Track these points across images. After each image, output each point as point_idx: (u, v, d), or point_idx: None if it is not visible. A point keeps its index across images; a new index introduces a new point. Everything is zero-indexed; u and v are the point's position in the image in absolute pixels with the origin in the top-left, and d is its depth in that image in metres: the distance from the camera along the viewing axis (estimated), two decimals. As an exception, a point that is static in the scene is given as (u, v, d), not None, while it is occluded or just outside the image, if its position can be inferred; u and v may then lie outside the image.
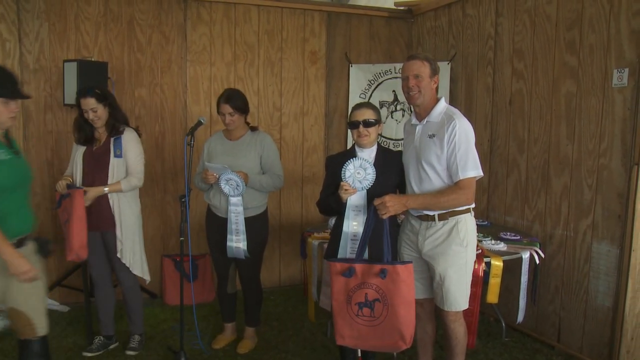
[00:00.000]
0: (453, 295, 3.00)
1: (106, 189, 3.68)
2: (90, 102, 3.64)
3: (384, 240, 2.87)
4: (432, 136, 2.95)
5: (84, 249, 3.60)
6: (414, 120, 3.11)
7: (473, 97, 4.88)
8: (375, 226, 2.90)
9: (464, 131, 2.88)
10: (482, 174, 2.93)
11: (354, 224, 3.03)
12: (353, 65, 5.56)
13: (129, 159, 3.77)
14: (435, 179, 2.95)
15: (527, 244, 3.94)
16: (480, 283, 3.54)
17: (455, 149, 2.86)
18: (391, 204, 2.82)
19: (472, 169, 2.87)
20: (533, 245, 3.90)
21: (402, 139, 5.47)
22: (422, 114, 3.05)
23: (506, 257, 3.69)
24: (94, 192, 3.65)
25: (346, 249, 3.05)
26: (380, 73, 5.54)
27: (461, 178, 2.87)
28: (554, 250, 4.10)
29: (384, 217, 2.85)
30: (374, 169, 2.94)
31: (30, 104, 4.68)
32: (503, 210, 4.59)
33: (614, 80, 3.60)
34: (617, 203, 3.62)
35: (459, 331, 3.09)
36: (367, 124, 3.06)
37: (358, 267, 2.86)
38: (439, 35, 5.34)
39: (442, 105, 3.01)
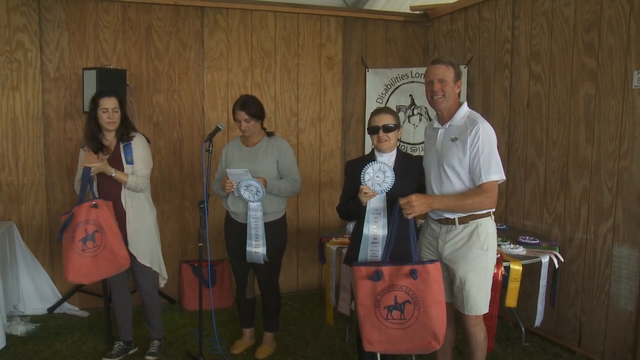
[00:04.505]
0: (474, 299, 2.98)
1: (114, 173, 3.62)
2: (113, 101, 3.67)
3: (411, 240, 2.86)
4: (454, 140, 2.95)
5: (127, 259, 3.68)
6: (436, 124, 3.11)
7: (490, 100, 4.85)
8: (398, 227, 2.89)
9: (487, 135, 2.89)
10: (504, 177, 2.92)
11: (374, 227, 3.02)
12: (369, 70, 5.56)
13: (135, 164, 3.74)
14: (456, 182, 2.95)
15: (547, 248, 3.91)
16: (499, 287, 3.51)
17: (478, 152, 2.86)
18: (417, 204, 2.80)
19: (495, 172, 2.87)
20: (552, 249, 3.87)
21: (420, 143, 5.53)
22: (444, 117, 3.05)
23: (525, 261, 3.66)
24: (103, 166, 3.59)
25: (366, 252, 3.03)
26: (396, 77, 5.53)
27: (484, 181, 2.86)
28: (574, 254, 4.06)
29: (409, 217, 2.82)
30: (393, 172, 2.94)
31: (51, 112, 4.75)
32: (521, 214, 4.55)
33: (634, 81, 3.57)
34: (638, 206, 3.58)
35: (479, 336, 3.07)
36: (387, 129, 3.07)
37: (385, 269, 2.83)
38: (455, 39, 5.32)
39: (465, 109, 3.02)
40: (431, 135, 3.16)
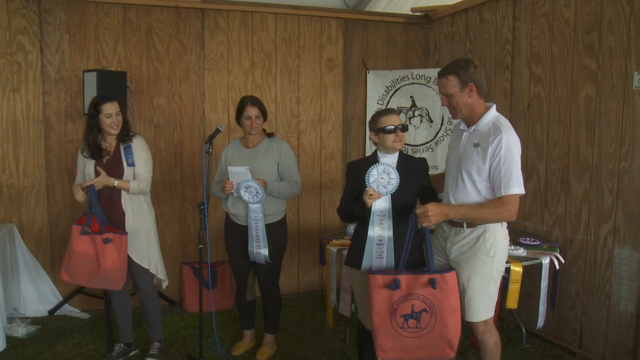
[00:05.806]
0: (475, 306, 2.93)
1: (116, 182, 3.62)
2: (116, 106, 3.67)
3: (427, 248, 2.85)
4: (476, 145, 2.87)
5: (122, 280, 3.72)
6: (463, 126, 3.05)
7: (490, 102, 4.83)
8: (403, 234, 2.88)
9: (509, 146, 2.78)
10: (524, 191, 2.82)
11: (379, 229, 3.01)
12: (370, 71, 5.56)
13: (137, 165, 3.73)
14: (471, 190, 2.90)
15: (547, 249, 3.90)
16: (499, 289, 3.50)
17: (500, 163, 2.77)
18: (433, 214, 2.77)
19: (515, 185, 2.77)
20: (553, 251, 3.86)
21: (421, 145, 5.53)
22: (469, 121, 2.99)
23: (526, 263, 3.66)
24: (105, 179, 3.60)
25: (372, 254, 3.01)
26: (397, 79, 5.53)
27: (504, 194, 2.78)
28: (575, 256, 4.05)
29: (424, 225, 2.79)
30: (398, 174, 2.93)
31: (52, 114, 4.75)
32: (522, 215, 4.54)
33: (634, 82, 3.56)
34: (639, 207, 3.57)
35: (488, 342, 3.00)
36: (404, 128, 3.06)
37: (403, 278, 2.79)
38: (456, 41, 5.32)
39: (492, 114, 2.93)
40: (457, 136, 3.09)
